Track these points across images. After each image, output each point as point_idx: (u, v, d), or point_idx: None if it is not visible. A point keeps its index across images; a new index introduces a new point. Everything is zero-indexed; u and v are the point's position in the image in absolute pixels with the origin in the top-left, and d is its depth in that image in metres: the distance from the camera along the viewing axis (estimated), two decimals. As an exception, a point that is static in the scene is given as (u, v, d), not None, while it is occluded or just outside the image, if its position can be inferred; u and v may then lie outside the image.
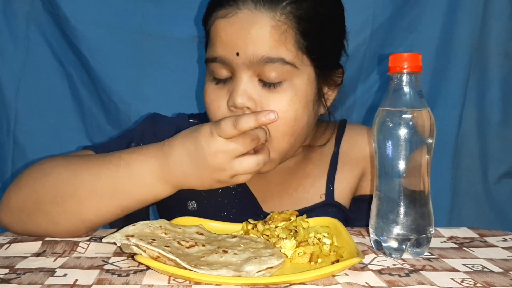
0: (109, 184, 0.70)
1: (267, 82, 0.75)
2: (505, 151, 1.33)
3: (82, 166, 0.73)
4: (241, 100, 0.74)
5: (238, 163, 0.69)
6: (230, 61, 0.74)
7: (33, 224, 0.71)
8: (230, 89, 0.76)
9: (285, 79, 0.75)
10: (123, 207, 0.71)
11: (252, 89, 0.75)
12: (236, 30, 0.74)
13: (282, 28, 0.73)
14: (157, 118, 0.94)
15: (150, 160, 0.71)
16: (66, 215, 0.70)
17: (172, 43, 1.25)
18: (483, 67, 1.30)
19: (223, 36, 0.75)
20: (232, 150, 0.68)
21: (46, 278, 0.54)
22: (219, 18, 0.75)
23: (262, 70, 0.74)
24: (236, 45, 0.73)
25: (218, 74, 0.77)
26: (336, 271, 0.56)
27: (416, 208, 0.63)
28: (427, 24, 1.28)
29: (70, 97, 1.28)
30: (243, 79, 0.74)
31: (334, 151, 0.90)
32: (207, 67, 0.80)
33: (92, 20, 1.20)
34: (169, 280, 0.54)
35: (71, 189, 0.70)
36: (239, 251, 0.60)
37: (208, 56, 0.78)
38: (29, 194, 0.72)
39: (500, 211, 1.35)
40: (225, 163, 0.68)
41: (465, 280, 0.56)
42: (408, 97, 0.63)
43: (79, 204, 0.70)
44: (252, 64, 0.73)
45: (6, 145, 1.26)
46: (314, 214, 0.85)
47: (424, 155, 0.64)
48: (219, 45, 0.75)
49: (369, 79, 1.30)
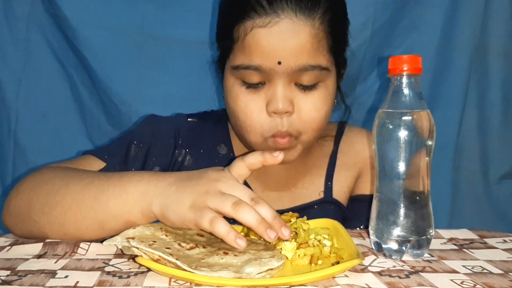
0: (92, 194, 0.67)
1: (304, 85, 0.78)
2: (505, 152, 1.33)
3: (74, 178, 0.71)
4: (283, 106, 0.76)
5: (228, 199, 0.61)
6: (269, 69, 0.76)
7: (27, 231, 0.72)
8: (268, 93, 0.78)
9: (320, 81, 0.78)
10: (100, 222, 0.67)
11: (290, 93, 0.77)
12: (278, 40, 0.74)
13: (320, 36, 0.76)
14: (155, 119, 0.94)
15: (142, 180, 0.67)
16: (52, 226, 0.69)
17: (173, 45, 1.25)
18: (483, 68, 1.30)
19: (264, 46, 0.75)
20: (234, 186, 0.63)
21: (47, 280, 0.54)
22: (258, 27, 0.75)
23: (300, 76, 0.77)
24: (278, 54, 0.74)
25: (250, 79, 0.78)
26: (336, 272, 0.56)
27: (416, 209, 0.63)
28: (427, 25, 1.27)
29: (71, 98, 1.28)
30: (282, 85, 0.77)
31: (333, 150, 0.93)
32: (235, 72, 0.79)
33: (93, 21, 1.20)
34: (169, 282, 0.55)
35: (58, 199, 0.69)
36: (240, 252, 0.60)
37: (241, 63, 0.77)
38: (24, 202, 0.72)
39: (500, 212, 1.34)
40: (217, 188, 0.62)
41: (465, 282, 0.56)
42: (407, 99, 0.64)
43: (62, 214, 0.68)
44: (292, 72, 0.76)
45: (7, 146, 1.26)
46: (312, 210, 0.87)
47: (424, 156, 0.64)
48: (258, 54, 0.75)
49: (369, 79, 1.30)
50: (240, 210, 0.59)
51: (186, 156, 0.90)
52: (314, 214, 0.85)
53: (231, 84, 0.81)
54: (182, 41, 1.24)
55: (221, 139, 0.93)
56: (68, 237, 0.69)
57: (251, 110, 0.78)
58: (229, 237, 0.58)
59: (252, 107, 0.78)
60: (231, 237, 0.58)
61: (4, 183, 1.27)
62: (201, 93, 1.21)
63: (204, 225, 0.59)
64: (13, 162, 1.26)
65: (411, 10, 1.26)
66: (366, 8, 1.23)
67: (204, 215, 0.60)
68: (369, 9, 1.24)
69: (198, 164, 0.90)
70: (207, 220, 0.59)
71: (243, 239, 0.59)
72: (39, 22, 1.22)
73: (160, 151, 0.89)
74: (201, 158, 0.90)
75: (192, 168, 0.89)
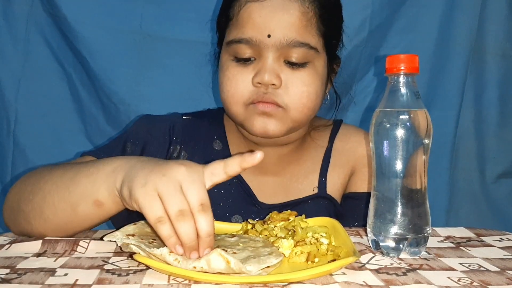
0: (70, 176, 0.67)
1: (293, 63, 0.80)
2: (502, 151, 1.34)
3: (60, 166, 0.72)
4: (269, 77, 0.78)
5: (177, 201, 0.57)
6: (259, 42, 0.79)
7: (18, 225, 0.72)
8: (256, 67, 0.80)
9: (308, 61, 0.81)
10: (72, 204, 0.66)
11: (278, 68, 0.80)
12: (269, 13, 0.79)
13: (309, 15, 0.80)
14: (149, 118, 0.95)
15: (116, 159, 0.66)
16: (34, 213, 0.69)
17: (172, 44, 1.25)
18: (480, 68, 1.31)
19: (255, 18, 0.79)
20: (193, 182, 0.59)
21: (47, 278, 0.55)
22: (251, 2, 0.79)
23: (289, 52, 0.79)
24: (268, 27, 0.78)
25: (241, 54, 0.81)
26: (332, 270, 0.56)
27: (413, 208, 0.64)
28: (424, 25, 1.28)
29: (70, 98, 1.28)
30: (271, 58, 0.79)
31: (328, 146, 0.95)
32: (228, 48, 0.82)
33: (92, 21, 1.21)
34: (168, 280, 0.55)
35: (41, 184, 0.70)
36: (238, 250, 0.60)
37: (234, 37, 0.81)
38: (15, 194, 0.74)
39: (497, 210, 1.35)
40: (175, 177, 0.58)
41: (461, 279, 0.56)
42: (405, 98, 0.64)
43: (42, 199, 0.68)
44: (281, 47, 0.79)
45: (6, 145, 1.27)
46: (307, 205, 0.88)
47: (421, 155, 0.64)
48: (250, 27, 0.79)
49: (366, 78, 1.31)
50: (181, 222, 0.56)
51: (181, 152, 0.91)
52: (309, 209, 0.87)
53: (224, 60, 0.84)
54: (180, 40, 1.24)
55: (216, 135, 0.94)
56: (48, 224, 0.68)
57: (237, 80, 0.81)
58: (170, 241, 0.56)
59: (238, 78, 0.81)
60: (172, 241, 0.56)
61: (4, 182, 1.27)
62: (200, 92, 1.22)
63: (149, 218, 0.57)
64: (12, 162, 1.26)
65: (408, 10, 1.27)
66: (363, 9, 1.24)
67: (153, 209, 0.57)
68: (366, 10, 1.24)
69: (193, 160, 0.90)
70: (154, 217, 0.56)
71: (181, 247, 0.57)
72: (38, 22, 1.23)
73: (155, 148, 0.90)
74: (196, 154, 0.91)
75: None
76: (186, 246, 0.56)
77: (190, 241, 0.56)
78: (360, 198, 0.89)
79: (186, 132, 0.93)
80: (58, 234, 0.68)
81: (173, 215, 0.56)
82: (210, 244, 0.57)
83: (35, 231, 0.69)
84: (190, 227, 0.56)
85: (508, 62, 1.30)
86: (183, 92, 1.26)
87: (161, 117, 0.96)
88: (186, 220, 0.56)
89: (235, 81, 0.81)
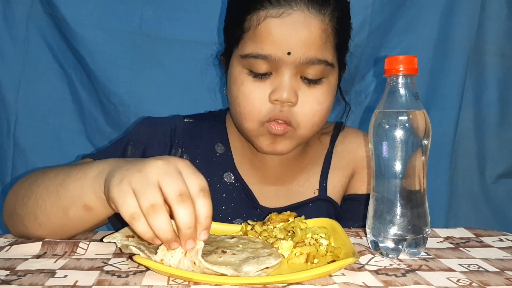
0: (60, 179, 0.67)
1: (309, 79, 0.80)
2: (502, 151, 1.34)
3: (54, 169, 0.72)
4: (287, 95, 0.78)
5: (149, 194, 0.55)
6: (279, 59, 0.77)
7: (16, 227, 0.72)
8: (273, 83, 0.79)
9: (324, 76, 0.81)
10: (63, 208, 0.66)
11: (295, 85, 0.79)
12: (290, 30, 0.77)
13: (328, 31, 0.79)
14: (150, 120, 0.95)
15: (104, 162, 0.65)
16: (29, 217, 0.69)
17: (171, 44, 1.25)
18: (480, 68, 1.31)
19: (276, 35, 0.77)
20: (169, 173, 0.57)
21: (47, 280, 0.55)
22: (271, 17, 0.77)
23: (307, 69, 0.79)
24: (289, 45, 0.77)
25: (258, 69, 0.79)
26: (331, 270, 0.56)
27: (413, 208, 0.64)
28: (424, 25, 1.28)
29: (70, 98, 1.28)
30: (289, 75, 0.78)
31: (329, 149, 0.95)
32: (243, 61, 0.80)
33: (91, 22, 1.21)
34: (168, 281, 0.55)
35: (33, 188, 0.70)
36: (238, 251, 0.61)
37: (251, 52, 0.79)
38: (12, 197, 0.74)
39: (497, 211, 1.35)
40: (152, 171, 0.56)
41: (461, 280, 0.56)
42: (404, 99, 0.64)
43: (35, 203, 0.68)
44: (300, 64, 0.78)
45: (6, 146, 1.27)
46: (308, 208, 0.88)
47: (420, 156, 0.64)
48: (270, 43, 0.77)
49: (365, 79, 1.31)
50: (153, 216, 0.54)
51: (183, 155, 0.91)
52: (309, 211, 0.87)
53: (237, 72, 0.82)
54: (180, 41, 1.24)
55: (218, 138, 0.93)
56: (43, 228, 0.68)
57: (254, 96, 0.80)
58: (147, 236, 0.56)
59: (255, 94, 0.80)
60: (148, 237, 0.56)
61: (4, 183, 1.27)
62: (200, 93, 1.22)
63: (123, 215, 0.56)
64: (13, 163, 1.26)
65: (408, 11, 1.27)
66: (363, 9, 1.24)
67: (126, 206, 0.55)
68: (366, 10, 1.24)
69: (195, 163, 0.90)
70: (128, 213, 0.55)
71: (158, 241, 0.56)
72: (38, 23, 1.23)
73: (156, 151, 0.89)
74: (198, 157, 0.91)
75: None
76: (163, 240, 0.55)
77: (165, 235, 0.55)
78: (360, 200, 0.89)
79: (187, 135, 0.92)
80: (55, 237, 0.68)
81: (144, 210, 0.55)
82: (192, 236, 0.55)
83: (32, 234, 0.70)
84: (163, 221, 0.54)
85: (508, 62, 1.30)
86: (183, 92, 1.26)
87: (162, 120, 0.95)
88: (158, 213, 0.54)
89: (252, 98, 0.80)
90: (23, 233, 0.71)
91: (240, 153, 0.92)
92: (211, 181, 0.89)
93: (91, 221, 0.68)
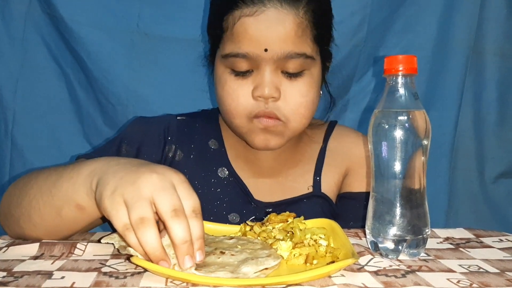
0: (53, 179, 0.67)
1: (290, 73, 0.81)
2: (501, 151, 1.34)
3: (46, 170, 0.72)
4: (269, 91, 0.79)
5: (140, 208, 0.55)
6: (257, 56, 0.79)
7: (12, 228, 0.72)
8: (255, 80, 0.80)
9: (305, 69, 0.81)
10: (56, 208, 0.66)
11: (276, 80, 0.80)
12: (265, 27, 0.78)
13: (304, 25, 0.79)
14: (143, 119, 0.96)
15: (96, 161, 0.66)
16: (24, 218, 0.69)
17: (169, 43, 1.25)
18: (479, 68, 1.31)
19: (251, 33, 0.78)
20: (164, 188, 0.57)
21: (44, 281, 0.54)
22: (246, 16, 0.79)
23: (286, 64, 0.80)
24: (265, 41, 0.78)
25: (239, 67, 0.81)
26: (331, 271, 0.56)
27: (412, 209, 0.64)
28: (423, 25, 1.28)
29: (67, 98, 1.28)
30: (269, 71, 0.80)
31: (322, 146, 0.96)
32: (225, 61, 0.82)
33: (89, 21, 1.20)
34: (166, 282, 0.55)
35: (27, 189, 0.70)
36: (236, 252, 0.60)
37: (230, 51, 0.80)
38: (6, 198, 0.74)
39: (497, 211, 1.35)
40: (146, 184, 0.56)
41: (461, 281, 0.56)
42: (403, 98, 0.64)
43: (29, 204, 0.68)
44: (278, 59, 0.79)
45: (4, 146, 1.26)
46: (303, 204, 0.89)
47: (420, 156, 0.64)
48: (246, 41, 0.79)
49: (364, 79, 1.31)
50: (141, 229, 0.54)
51: (177, 151, 0.91)
52: (304, 207, 0.88)
53: (220, 72, 0.84)
54: (178, 39, 1.24)
55: (211, 135, 0.94)
56: (38, 228, 0.68)
57: (237, 94, 0.81)
58: (139, 250, 0.56)
59: (239, 92, 0.81)
60: (140, 250, 0.56)
61: (1, 183, 1.27)
62: (197, 92, 1.22)
63: (116, 227, 0.56)
64: (10, 162, 1.26)
65: (407, 10, 1.27)
66: (362, 8, 1.24)
67: (119, 217, 0.56)
68: (365, 10, 1.24)
69: (189, 159, 0.92)
70: (121, 224, 0.56)
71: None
72: (36, 22, 1.22)
73: (150, 149, 0.90)
74: (192, 153, 0.92)
75: (184, 162, 0.91)
76: (151, 257, 0.55)
77: (153, 250, 0.55)
78: (355, 198, 0.90)
79: (181, 131, 0.93)
80: (50, 238, 0.68)
81: (133, 223, 0.55)
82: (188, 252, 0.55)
83: (27, 235, 0.70)
84: (151, 235, 0.54)
85: (507, 62, 1.30)
86: (181, 91, 1.26)
87: (155, 118, 0.96)
88: (146, 226, 0.54)
89: (235, 96, 0.81)
90: (19, 234, 0.71)
91: (234, 148, 0.93)
92: (206, 176, 0.90)
93: (84, 221, 0.68)
